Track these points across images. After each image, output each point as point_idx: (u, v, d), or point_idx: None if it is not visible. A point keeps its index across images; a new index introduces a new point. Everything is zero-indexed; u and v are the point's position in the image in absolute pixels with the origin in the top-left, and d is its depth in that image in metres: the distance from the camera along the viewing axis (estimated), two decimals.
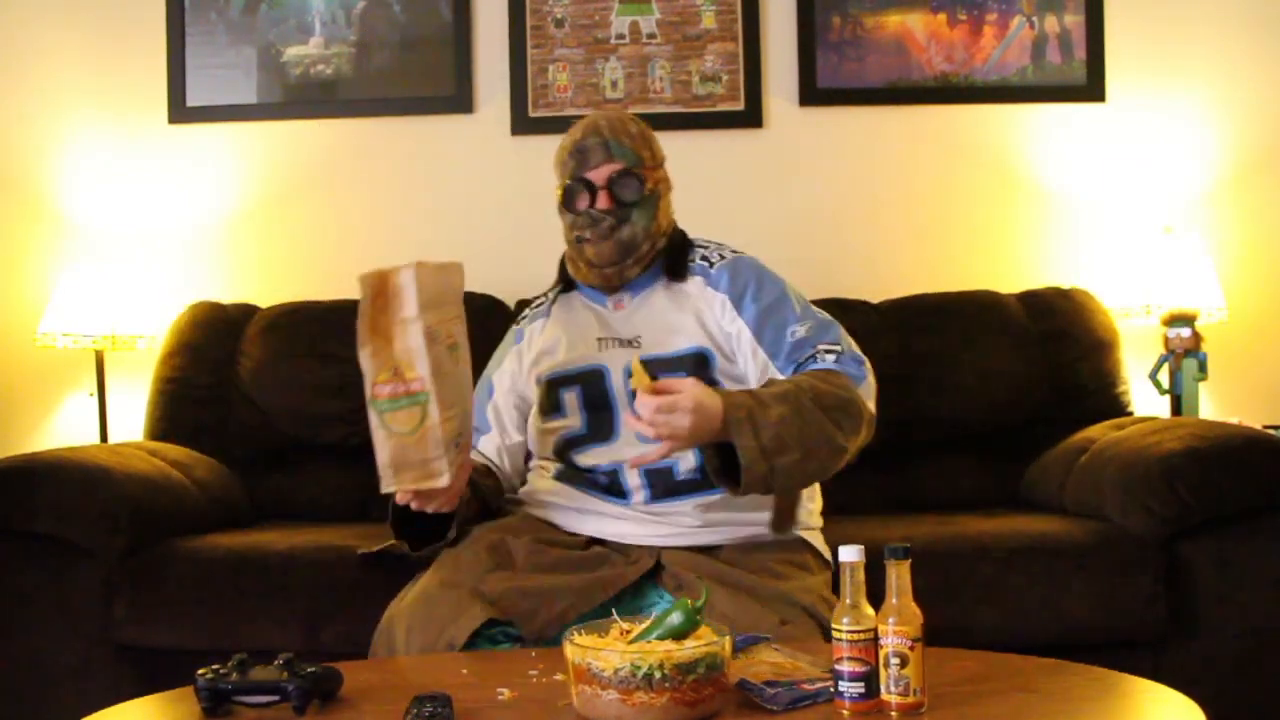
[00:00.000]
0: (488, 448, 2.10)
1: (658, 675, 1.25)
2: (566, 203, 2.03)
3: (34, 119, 3.33)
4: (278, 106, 3.31)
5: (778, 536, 1.90)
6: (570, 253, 2.09)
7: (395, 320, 1.55)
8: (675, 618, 1.34)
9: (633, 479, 1.92)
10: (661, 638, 1.33)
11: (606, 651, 1.29)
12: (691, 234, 2.13)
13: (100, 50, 3.32)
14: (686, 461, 1.90)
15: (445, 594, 1.76)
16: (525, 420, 2.09)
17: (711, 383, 1.89)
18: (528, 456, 2.11)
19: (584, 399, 1.98)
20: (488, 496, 2.00)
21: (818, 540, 2.01)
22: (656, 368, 1.88)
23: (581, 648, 1.30)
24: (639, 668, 1.25)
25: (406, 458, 1.56)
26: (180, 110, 3.31)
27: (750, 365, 1.97)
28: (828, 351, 1.92)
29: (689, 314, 1.99)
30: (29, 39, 3.34)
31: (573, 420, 1.99)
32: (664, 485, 1.92)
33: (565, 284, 2.14)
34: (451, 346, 1.62)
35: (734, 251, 2.07)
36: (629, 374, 1.81)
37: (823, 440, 1.77)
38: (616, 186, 1.98)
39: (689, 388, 1.71)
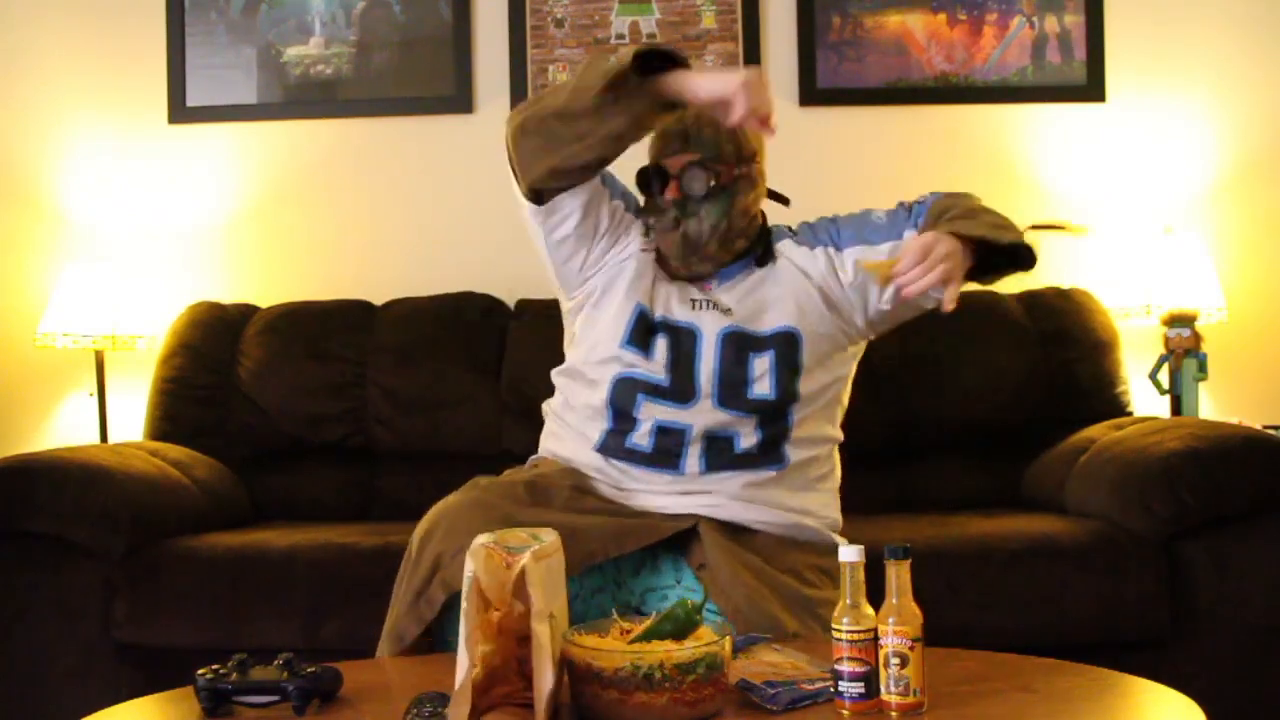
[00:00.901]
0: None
1: (657, 675, 1.25)
2: (640, 185, 1.96)
3: (34, 119, 3.33)
4: (278, 106, 3.31)
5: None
6: None
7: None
8: (675, 616, 1.34)
9: (694, 443, 1.87)
10: (661, 638, 1.33)
11: (606, 651, 1.29)
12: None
13: (100, 50, 3.32)
14: (748, 438, 1.88)
15: (475, 512, 1.74)
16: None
17: (795, 367, 1.90)
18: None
19: (673, 353, 1.90)
20: None
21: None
22: (747, 342, 1.89)
23: (581, 648, 1.30)
24: (639, 668, 1.25)
25: None
26: (180, 110, 3.31)
27: (874, 255, 1.95)
28: (916, 203, 1.98)
29: (784, 288, 1.94)
30: (29, 39, 3.34)
31: (657, 369, 1.89)
32: (718, 455, 1.88)
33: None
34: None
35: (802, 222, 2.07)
36: (721, 350, 1.88)
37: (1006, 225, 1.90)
38: (685, 177, 1.90)
39: (915, 241, 1.76)
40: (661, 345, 1.90)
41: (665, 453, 1.88)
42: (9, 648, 2.31)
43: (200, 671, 1.38)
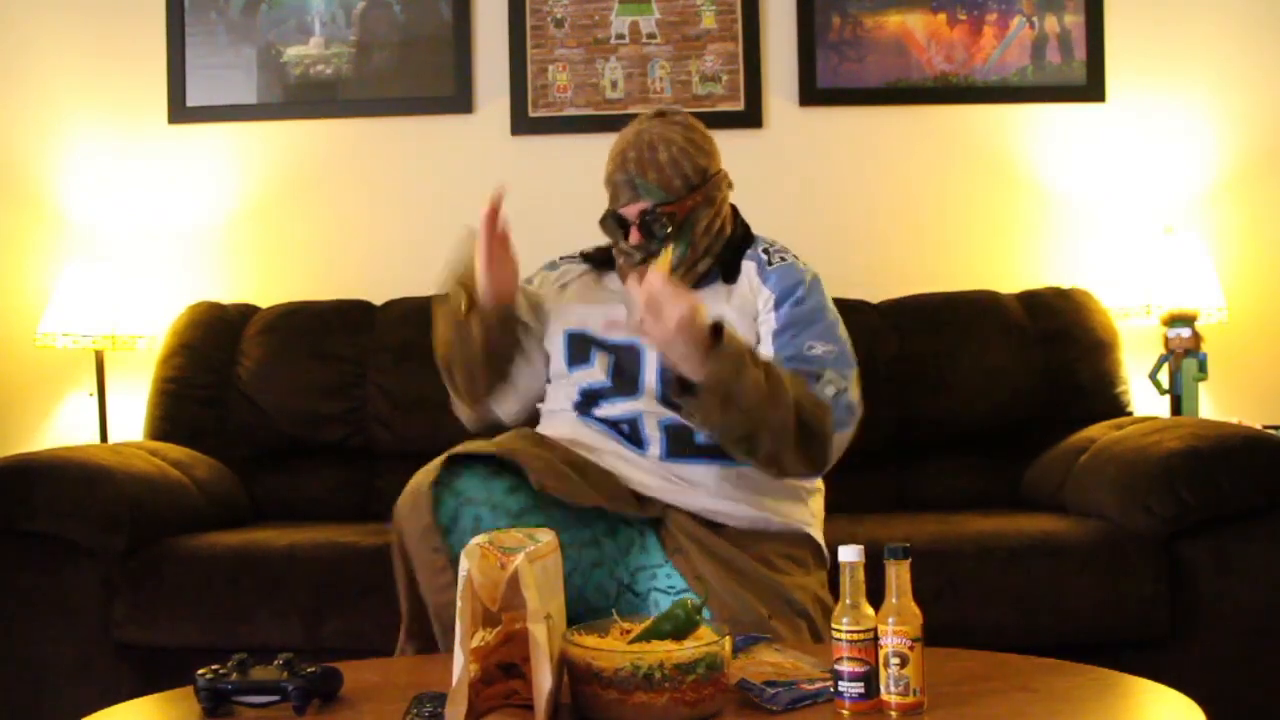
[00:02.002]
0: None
1: (657, 675, 1.25)
2: (606, 230, 2.04)
3: (34, 119, 3.33)
4: (278, 106, 3.31)
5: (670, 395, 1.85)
6: None
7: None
8: (675, 616, 1.34)
9: (651, 429, 1.92)
10: (661, 638, 1.33)
11: (606, 651, 1.29)
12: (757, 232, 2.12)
13: (100, 50, 3.33)
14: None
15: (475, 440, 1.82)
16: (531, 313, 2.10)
17: None
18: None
19: (614, 365, 1.97)
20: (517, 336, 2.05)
21: (818, 533, 2.00)
22: None
23: (581, 648, 1.30)
24: (639, 668, 1.25)
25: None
26: (180, 110, 3.31)
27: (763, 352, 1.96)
28: (830, 383, 1.88)
29: (745, 315, 1.97)
30: (29, 39, 3.34)
31: (598, 374, 1.97)
32: (681, 443, 1.91)
33: (610, 262, 2.11)
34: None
35: (797, 258, 2.04)
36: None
37: (770, 434, 1.77)
38: (645, 225, 1.96)
39: (698, 300, 1.73)
40: (600, 356, 1.98)
41: (631, 436, 1.94)
42: (9, 648, 2.31)
43: (200, 671, 1.38)
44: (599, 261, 2.13)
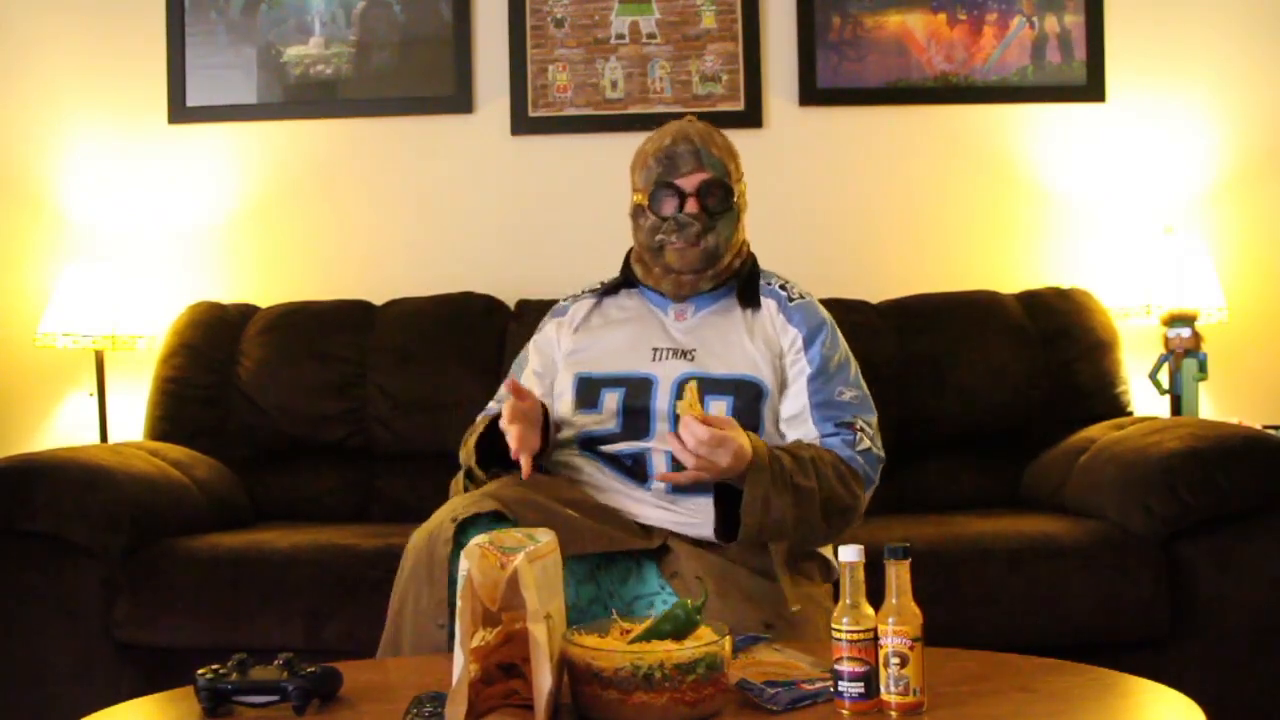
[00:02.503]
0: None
1: (657, 675, 1.25)
2: (653, 205, 2.00)
3: (34, 119, 3.33)
4: (278, 106, 3.31)
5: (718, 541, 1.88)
6: (642, 254, 2.07)
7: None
8: (675, 616, 1.34)
9: (658, 465, 1.91)
10: (661, 638, 1.33)
11: (606, 651, 1.29)
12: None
13: (100, 50, 3.33)
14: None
15: (464, 494, 1.84)
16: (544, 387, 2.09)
17: (757, 417, 1.92)
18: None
19: (624, 404, 1.95)
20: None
21: (826, 549, 1.99)
22: (706, 387, 1.88)
23: (581, 648, 1.30)
24: (639, 668, 1.25)
25: None
26: (180, 110, 3.31)
27: (796, 399, 1.97)
28: (863, 430, 1.94)
29: (757, 340, 1.98)
30: (29, 39, 3.34)
31: (607, 420, 1.96)
32: (685, 485, 1.87)
33: (627, 282, 2.11)
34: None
35: (808, 293, 2.07)
36: (677, 393, 1.86)
37: (808, 536, 1.86)
38: (705, 194, 1.98)
39: (736, 430, 1.76)
40: (610, 398, 1.96)
41: (635, 471, 1.93)
42: (9, 648, 2.31)
43: (200, 671, 1.38)
44: (604, 291, 2.13)
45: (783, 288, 2.05)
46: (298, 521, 2.71)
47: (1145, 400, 3.03)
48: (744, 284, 2.05)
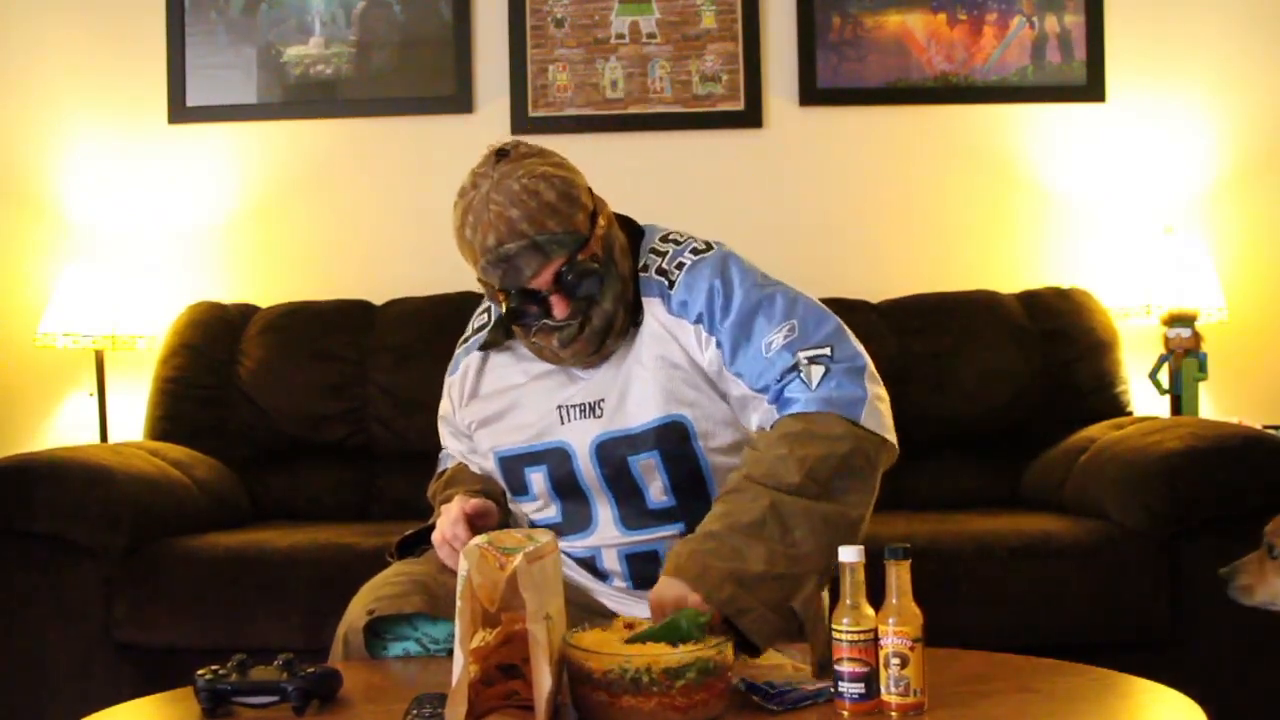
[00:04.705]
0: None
1: (645, 679, 1.23)
2: (515, 319, 1.67)
3: (34, 119, 3.33)
4: (278, 106, 3.31)
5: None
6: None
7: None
8: (676, 625, 1.33)
9: (611, 563, 1.69)
10: (660, 640, 1.32)
11: (596, 653, 1.28)
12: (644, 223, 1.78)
13: (100, 50, 3.33)
14: (671, 541, 1.63)
15: (396, 577, 1.67)
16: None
17: (693, 457, 1.63)
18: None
19: (552, 482, 1.70)
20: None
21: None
22: (622, 446, 1.64)
23: (576, 648, 1.29)
24: (626, 671, 1.24)
25: None
26: (180, 110, 3.31)
27: (733, 388, 1.64)
28: (813, 360, 1.57)
29: (660, 364, 1.65)
30: (29, 39, 3.34)
31: (546, 508, 1.73)
32: (648, 570, 1.65)
33: (508, 332, 1.78)
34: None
35: (693, 253, 1.69)
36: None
37: (824, 543, 1.49)
38: (567, 286, 1.60)
39: (673, 588, 1.45)
40: (536, 478, 1.71)
41: (591, 570, 1.73)
42: (9, 648, 2.31)
43: (200, 671, 1.37)
44: (488, 343, 1.85)
45: (660, 272, 1.68)
46: (297, 521, 2.71)
47: (1145, 400, 3.03)
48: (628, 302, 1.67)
